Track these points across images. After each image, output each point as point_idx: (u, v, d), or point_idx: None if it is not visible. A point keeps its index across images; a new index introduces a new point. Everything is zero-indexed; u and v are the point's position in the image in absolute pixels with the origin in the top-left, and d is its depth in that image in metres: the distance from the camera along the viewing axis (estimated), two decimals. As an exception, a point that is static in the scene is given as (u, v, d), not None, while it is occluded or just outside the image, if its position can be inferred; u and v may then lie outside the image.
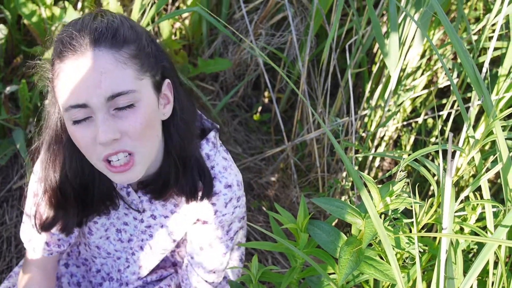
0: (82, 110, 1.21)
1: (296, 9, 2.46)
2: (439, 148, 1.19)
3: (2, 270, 1.99)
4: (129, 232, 1.57)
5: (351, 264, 1.15)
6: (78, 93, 1.19)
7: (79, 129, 1.23)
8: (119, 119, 1.23)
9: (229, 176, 1.47)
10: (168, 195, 1.45)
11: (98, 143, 1.23)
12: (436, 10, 1.19)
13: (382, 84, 2.15)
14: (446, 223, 1.13)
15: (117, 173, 1.27)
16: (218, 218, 1.50)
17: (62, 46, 1.21)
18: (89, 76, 1.19)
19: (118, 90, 1.20)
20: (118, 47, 1.22)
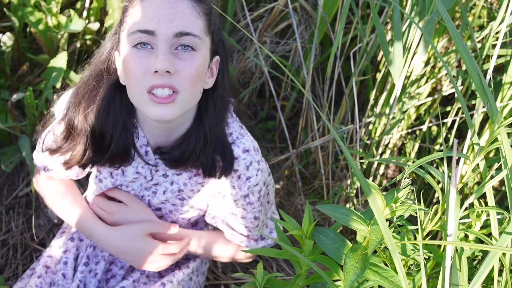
0: (147, 37, 1.30)
1: (300, 17, 2.47)
2: (443, 155, 1.19)
3: (9, 277, 1.99)
4: (132, 187, 1.62)
5: (356, 271, 1.16)
6: (150, 20, 1.29)
7: (137, 54, 1.32)
8: (178, 58, 1.32)
9: (246, 142, 1.54)
10: (184, 166, 1.50)
11: (152, 72, 1.30)
12: (442, 16, 1.20)
13: (387, 91, 2.16)
14: (451, 230, 1.13)
15: (158, 105, 1.33)
16: (245, 184, 1.55)
17: None
18: (166, 10, 1.29)
19: (187, 30, 1.31)
20: (197, 1, 1.35)
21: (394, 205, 1.19)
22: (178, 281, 1.66)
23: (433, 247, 1.38)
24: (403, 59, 1.92)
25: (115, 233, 1.61)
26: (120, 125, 1.45)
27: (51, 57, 2.32)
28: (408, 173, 1.20)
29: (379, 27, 1.83)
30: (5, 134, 2.24)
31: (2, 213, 2.16)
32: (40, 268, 1.67)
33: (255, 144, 1.57)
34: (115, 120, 1.44)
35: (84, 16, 2.50)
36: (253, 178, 1.55)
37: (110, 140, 1.46)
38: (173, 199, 1.62)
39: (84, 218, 1.65)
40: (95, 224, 1.63)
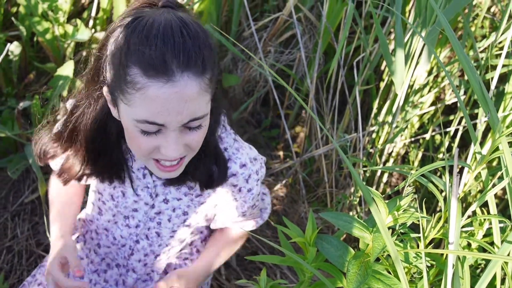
0: (156, 127, 1.23)
1: (304, 27, 2.49)
2: (445, 164, 1.21)
3: (13, 283, 2.01)
4: (138, 218, 1.61)
5: (359, 278, 1.17)
6: (159, 114, 1.20)
7: (146, 138, 1.27)
8: (186, 134, 1.28)
9: (242, 156, 1.52)
10: (182, 182, 1.51)
11: (160, 151, 1.28)
12: (444, 26, 1.21)
13: (390, 100, 2.17)
14: (453, 238, 1.14)
15: (163, 171, 1.34)
16: (247, 196, 1.56)
17: (151, 63, 1.17)
18: (175, 103, 1.19)
19: (196, 116, 1.24)
20: (202, 74, 1.22)
21: (396, 213, 1.20)
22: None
23: (435, 255, 1.39)
24: (406, 68, 1.93)
25: None
26: (110, 148, 1.45)
27: (57, 66, 2.34)
28: (410, 182, 1.22)
29: (381, 37, 1.85)
30: (11, 142, 2.26)
31: (7, 219, 2.18)
32: (41, 276, 1.69)
33: (252, 154, 1.56)
34: (108, 140, 1.44)
35: (91, 25, 2.53)
36: (255, 189, 1.56)
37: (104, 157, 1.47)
38: (180, 226, 1.63)
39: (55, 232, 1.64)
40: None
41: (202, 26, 1.27)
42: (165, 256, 1.69)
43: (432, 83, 2.39)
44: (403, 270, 1.14)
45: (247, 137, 2.68)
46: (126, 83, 1.21)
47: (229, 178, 1.52)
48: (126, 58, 1.20)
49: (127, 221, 1.61)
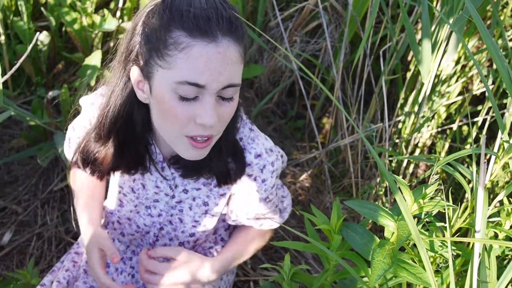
0: (195, 89, 1.24)
1: (330, 16, 2.48)
2: (472, 152, 1.20)
3: (43, 269, 2.05)
4: (159, 207, 1.62)
5: (384, 266, 1.16)
6: (201, 73, 1.22)
7: (183, 105, 1.26)
8: (219, 106, 1.29)
9: (257, 146, 1.52)
10: (199, 174, 1.51)
11: (195, 122, 1.27)
12: (471, 13, 1.20)
13: (416, 90, 2.16)
14: (479, 226, 1.13)
15: (194, 148, 1.33)
16: (261, 186, 1.55)
17: (196, 22, 1.21)
18: (218, 63, 1.22)
19: (233, 82, 1.27)
20: (240, 42, 1.27)
21: (422, 201, 1.20)
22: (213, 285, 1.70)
23: (462, 245, 1.38)
24: (432, 58, 1.92)
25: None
26: (137, 136, 1.45)
27: (85, 56, 2.37)
28: (436, 171, 1.21)
29: (408, 26, 1.83)
30: (41, 130, 2.30)
31: (37, 207, 2.22)
32: (69, 263, 1.72)
33: (268, 145, 1.56)
34: (133, 132, 1.44)
35: (118, 15, 2.55)
36: (269, 180, 1.55)
37: (128, 148, 1.48)
38: (201, 217, 1.64)
39: (88, 252, 1.63)
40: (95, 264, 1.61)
41: None
42: (188, 245, 1.71)
43: (460, 72, 2.37)
44: (428, 259, 1.13)
45: (273, 128, 2.69)
46: (167, 46, 1.23)
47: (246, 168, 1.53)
48: (168, 21, 1.23)
49: (149, 210, 1.63)
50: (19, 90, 2.49)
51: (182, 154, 1.37)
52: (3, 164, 2.32)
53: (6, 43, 2.33)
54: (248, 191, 1.57)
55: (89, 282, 1.67)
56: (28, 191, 2.26)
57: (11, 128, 2.44)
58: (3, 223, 2.17)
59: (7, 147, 2.36)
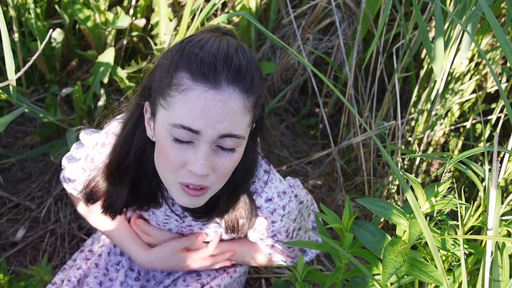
0: (190, 134, 1.21)
1: (343, 14, 2.47)
2: (484, 149, 1.19)
3: (56, 265, 2.06)
4: (169, 226, 1.64)
5: (395, 264, 1.16)
6: (197, 118, 1.18)
7: (176, 148, 1.24)
8: (217, 156, 1.25)
9: (269, 190, 1.50)
10: (210, 218, 1.50)
11: (187, 168, 1.25)
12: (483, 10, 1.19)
13: (429, 88, 2.15)
14: (492, 224, 1.13)
15: (186, 195, 1.30)
16: (269, 226, 1.55)
17: (201, 67, 1.19)
18: (216, 110, 1.18)
19: (234, 133, 1.22)
20: (248, 93, 1.22)
21: (434, 199, 1.19)
22: (225, 284, 1.71)
23: (474, 243, 1.37)
24: (446, 55, 1.91)
25: (151, 256, 1.66)
26: (150, 174, 1.43)
27: (99, 53, 2.38)
28: (449, 168, 1.20)
29: (421, 23, 1.83)
30: (54, 127, 2.32)
31: (51, 203, 2.23)
32: (81, 261, 1.74)
33: (281, 188, 1.53)
34: (146, 169, 1.42)
35: (131, 13, 2.56)
36: (278, 223, 1.54)
37: (141, 187, 1.47)
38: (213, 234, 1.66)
39: (122, 238, 1.70)
40: (134, 246, 1.68)
41: (256, 58, 1.29)
42: None
43: (474, 70, 2.35)
44: (439, 257, 1.13)
45: (285, 125, 2.69)
46: (170, 86, 1.21)
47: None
48: (177, 62, 1.21)
49: (158, 226, 1.65)
50: (32, 87, 2.51)
51: (177, 200, 1.34)
52: (17, 161, 2.33)
53: (20, 41, 2.35)
54: (257, 227, 1.56)
55: (99, 277, 1.68)
56: (41, 188, 2.28)
57: (25, 125, 2.45)
58: (17, 220, 2.18)
59: (21, 144, 2.37)
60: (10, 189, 2.26)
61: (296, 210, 1.59)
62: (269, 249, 1.67)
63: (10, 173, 2.31)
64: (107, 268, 1.71)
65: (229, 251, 1.70)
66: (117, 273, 1.71)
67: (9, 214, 2.19)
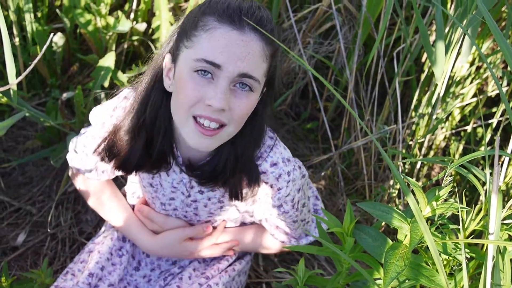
0: (211, 68, 1.29)
1: (344, 18, 2.47)
2: (485, 153, 1.19)
3: (57, 269, 2.06)
4: (175, 204, 1.64)
5: (397, 268, 1.16)
6: (220, 53, 1.27)
7: (196, 80, 1.31)
8: (234, 96, 1.32)
9: (274, 155, 1.53)
10: (214, 184, 1.52)
11: (205, 103, 1.31)
12: (483, 14, 1.19)
13: (430, 92, 2.15)
14: (493, 228, 1.12)
15: (200, 135, 1.34)
16: (275, 194, 1.56)
17: (227, 11, 1.29)
18: (238, 48, 1.28)
19: (252, 73, 1.30)
20: (268, 43, 1.32)
21: (435, 203, 1.19)
22: (223, 283, 1.71)
23: (475, 248, 1.37)
24: (446, 59, 1.91)
25: (156, 243, 1.72)
26: (163, 131, 1.47)
27: (99, 57, 2.39)
28: (449, 172, 1.20)
29: (422, 27, 1.83)
30: (55, 131, 2.32)
31: (51, 208, 2.23)
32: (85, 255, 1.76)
33: (285, 155, 1.56)
34: (159, 126, 1.46)
35: (132, 17, 2.56)
36: (283, 189, 1.55)
37: (155, 144, 1.49)
38: (217, 210, 1.66)
39: (129, 225, 1.75)
40: (140, 232, 1.74)
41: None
42: None
43: (475, 74, 2.35)
44: (441, 261, 1.13)
45: (286, 129, 2.69)
46: (196, 28, 1.31)
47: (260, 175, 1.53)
48: (203, 10, 1.32)
49: (163, 206, 1.66)
50: (33, 92, 2.51)
51: (189, 141, 1.38)
52: (18, 165, 2.33)
53: (21, 45, 2.35)
54: (264, 193, 1.58)
55: (102, 262, 1.70)
56: (42, 192, 2.28)
57: (26, 129, 2.45)
58: (18, 224, 2.18)
59: (22, 148, 2.37)
60: (11, 194, 2.26)
61: (300, 181, 1.60)
62: (274, 229, 1.69)
63: (11, 177, 2.31)
64: (111, 252, 1.73)
65: (233, 240, 1.74)
66: (120, 258, 1.73)
67: (10, 219, 2.19)
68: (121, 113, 1.52)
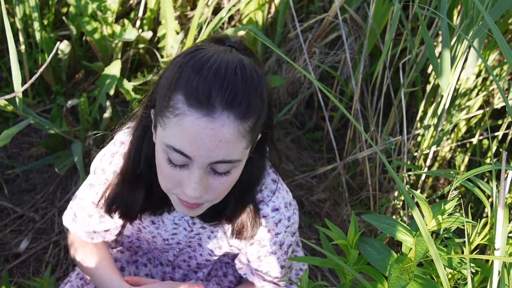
0: (183, 158, 1.20)
1: (350, 28, 2.47)
2: (492, 168, 1.18)
3: (59, 277, 2.05)
4: (178, 238, 1.61)
5: (401, 282, 1.15)
6: (190, 145, 1.17)
7: (171, 169, 1.23)
8: (211, 177, 1.24)
9: (276, 199, 1.49)
10: (218, 222, 1.48)
11: (181, 188, 1.25)
12: (489, 26, 1.19)
13: (436, 103, 2.14)
14: (499, 244, 1.11)
15: (183, 207, 1.30)
16: (272, 238, 1.53)
17: (195, 92, 1.15)
18: (208, 138, 1.16)
19: (227, 159, 1.20)
20: (244, 119, 1.18)
21: (440, 217, 1.18)
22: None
23: (481, 261, 1.36)
24: (452, 71, 1.90)
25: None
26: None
27: (105, 65, 2.39)
28: (456, 185, 1.19)
29: (427, 39, 1.82)
30: (59, 139, 2.32)
31: (54, 215, 2.23)
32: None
33: (288, 199, 1.52)
34: (155, 174, 1.38)
35: (138, 25, 2.57)
36: (281, 234, 1.52)
37: (155, 191, 1.45)
38: (220, 244, 1.64)
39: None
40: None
41: (260, 73, 1.24)
42: (206, 267, 1.74)
43: (481, 86, 2.34)
44: (446, 276, 1.12)
45: (290, 139, 2.68)
46: (168, 107, 1.19)
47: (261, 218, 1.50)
48: (175, 83, 1.19)
49: (167, 241, 1.63)
50: (38, 98, 2.52)
51: (176, 208, 1.34)
52: (22, 172, 2.34)
53: (27, 52, 2.36)
54: (260, 238, 1.54)
55: None
56: (45, 199, 2.28)
57: (30, 136, 2.46)
58: (20, 231, 2.18)
59: (26, 155, 2.37)
60: (14, 200, 2.26)
61: (297, 224, 1.57)
62: (262, 282, 1.64)
63: (14, 183, 2.31)
64: None
65: None
66: None
67: (12, 225, 2.19)
68: (119, 160, 1.47)
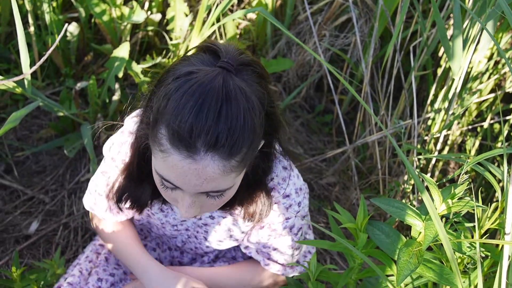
0: (172, 186, 1.22)
1: (360, 11, 2.45)
2: (503, 152, 1.17)
3: (69, 258, 2.07)
4: (186, 224, 1.61)
5: (410, 266, 1.14)
6: (176, 179, 1.18)
7: (164, 190, 1.26)
8: (204, 198, 1.25)
9: (288, 186, 1.48)
10: (229, 209, 1.47)
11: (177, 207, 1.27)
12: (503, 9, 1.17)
13: (447, 86, 2.12)
14: (509, 228, 1.11)
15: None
16: (283, 223, 1.53)
17: (177, 133, 1.13)
18: (193, 177, 1.16)
19: (216, 189, 1.21)
20: (229, 157, 1.15)
21: (450, 201, 1.17)
22: None
23: (490, 245, 1.35)
24: (464, 54, 1.88)
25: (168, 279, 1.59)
26: None
27: (114, 47, 2.38)
28: (466, 169, 1.18)
29: (439, 21, 1.80)
30: (68, 121, 2.32)
31: (64, 197, 2.24)
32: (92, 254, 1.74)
33: (298, 184, 1.51)
34: None
35: (146, 7, 2.55)
36: (292, 219, 1.52)
37: None
38: (226, 239, 1.63)
39: (146, 271, 1.61)
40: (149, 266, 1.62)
41: (252, 97, 1.18)
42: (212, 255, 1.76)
43: (493, 69, 2.32)
44: (455, 260, 1.11)
45: (300, 122, 2.67)
46: (155, 138, 1.18)
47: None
48: (162, 114, 1.16)
49: (175, 227, 1.63)
50: (47, 81, 2.51)
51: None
52: (31, 154, 2.34)
53: (36, 34, 2.35)
54: (270, 222, 1.54)
55: (109, 270, 1.68)
56: (55, 181, 2.29)
57: (40, 118, 2.46)
58: (31, 213, 2.19)
59: (36, 137, 2.38)
60: (24, 182, 2.27)
61: (307, 208, 1.58)
62: (267, 260, 1.63)
63: (24, 166, 2.32)
64: (118, 263, 1.71)
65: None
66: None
67: (23, 207, 2.20)
68: (127, 149, 1.46)
